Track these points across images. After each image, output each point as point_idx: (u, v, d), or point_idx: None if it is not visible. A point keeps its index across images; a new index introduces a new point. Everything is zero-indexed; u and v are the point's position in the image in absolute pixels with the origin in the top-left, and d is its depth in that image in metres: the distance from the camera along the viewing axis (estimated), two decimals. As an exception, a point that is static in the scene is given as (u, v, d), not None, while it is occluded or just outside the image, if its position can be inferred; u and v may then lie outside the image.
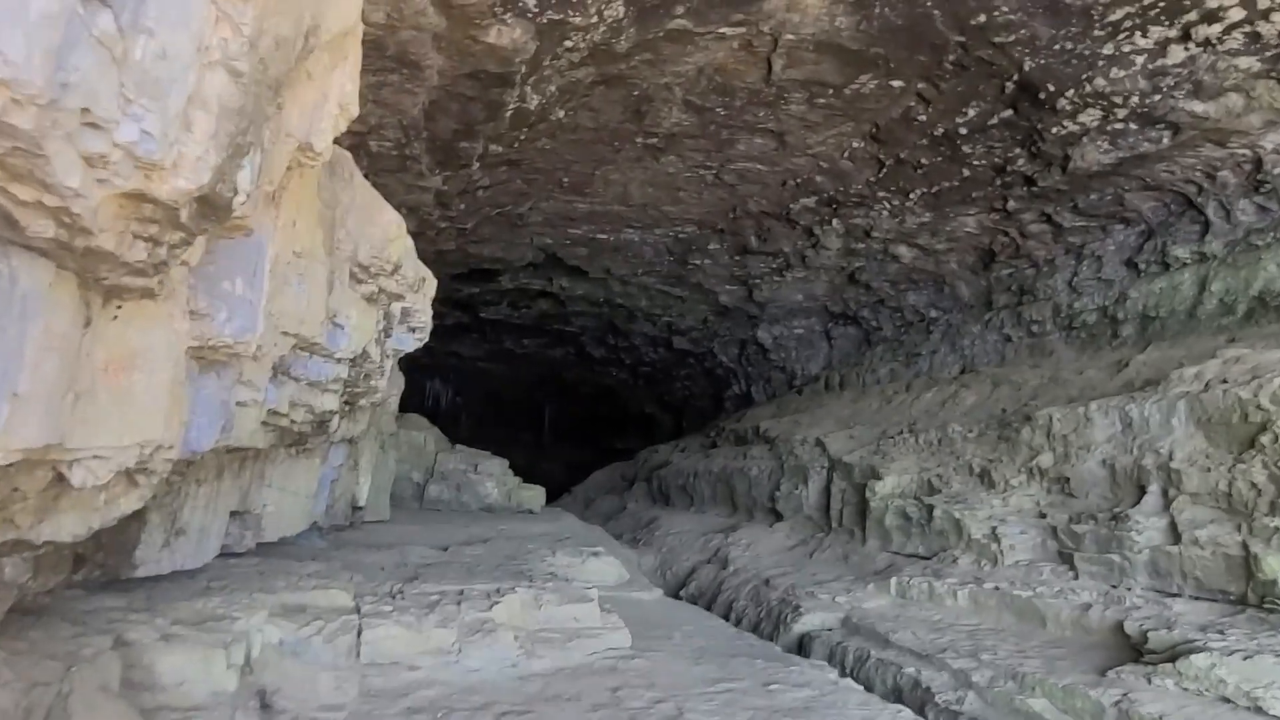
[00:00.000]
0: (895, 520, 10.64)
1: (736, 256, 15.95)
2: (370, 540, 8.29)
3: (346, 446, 7.39)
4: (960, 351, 14.02)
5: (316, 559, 6.64)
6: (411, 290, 6.13)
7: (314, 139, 2.87)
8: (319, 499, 6.98)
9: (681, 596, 11.92)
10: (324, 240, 4.69)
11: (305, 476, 6.53)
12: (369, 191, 5.32)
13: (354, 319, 5.45)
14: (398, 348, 6.49)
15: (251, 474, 5.78)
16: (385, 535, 8.72)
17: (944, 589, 9.01)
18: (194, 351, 3.34)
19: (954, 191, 12.09)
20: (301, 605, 5.28)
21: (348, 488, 7.83)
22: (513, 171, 13.27)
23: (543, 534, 10.48)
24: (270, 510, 6.09)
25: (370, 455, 8.31)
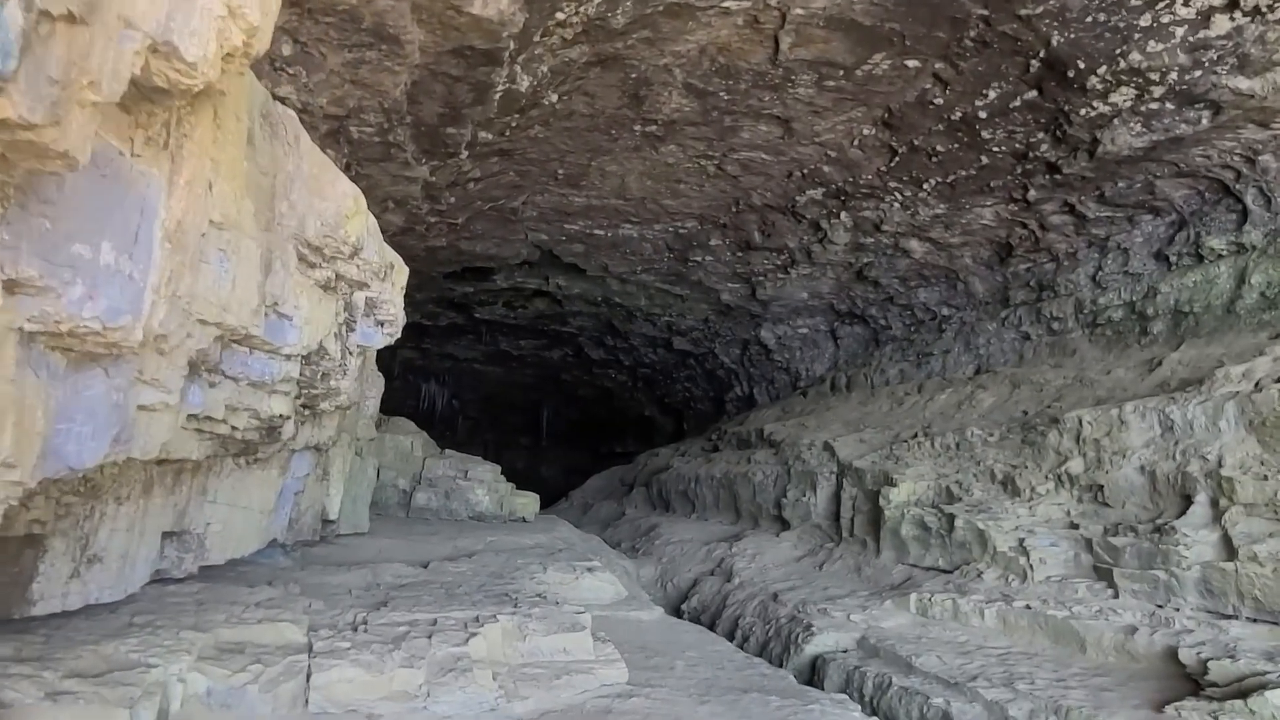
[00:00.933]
0: (912, 530, 9.80)
1: (739, 253, 15.13)
2: (342, 557, 7.46)
3: (312, 455, 6.57)
4: (975, 351, 13.19)
5: (274, 582, 5.81)
6: (377, 278, 5.29)
7: (179, 40, 2.05)
8: (279, 513, 6.15)
9: (683, 611, 11.07)
10: (257, 212, 3.85)
11: (260, 489, 5.70)
12: (319, 158, 4.48)
13: (304, 309, 4.61)
14: (364, 344, 5.65)
15: (190, 488, 4.94)
16: (360, 551, 7.89)
17: (969, 607, 8.16)
18: (45, 340, 2.51)
19: (970, 181, 11.25)
20: (240, 644, 4.44)
21: (315, 500, 7.00)
22: (505, 162, 12.45)
23: (535, 546, 9.65)
24: (216, 529, 5.25)
25: (342, 463, 7.49)
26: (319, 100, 9.38)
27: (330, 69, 8.79)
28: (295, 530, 6.65)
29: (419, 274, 17.96)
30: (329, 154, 10.94)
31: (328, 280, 4.85)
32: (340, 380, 5.35)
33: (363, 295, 5.32)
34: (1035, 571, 8.26)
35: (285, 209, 4.17)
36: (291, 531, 6.61)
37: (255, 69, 8.04)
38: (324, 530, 7.65)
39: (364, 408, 8.36)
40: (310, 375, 5.05)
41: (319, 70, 8.81)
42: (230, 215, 3.53)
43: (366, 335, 5.59)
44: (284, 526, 6.38)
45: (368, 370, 8.34)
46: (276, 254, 4.10)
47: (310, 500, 6.84)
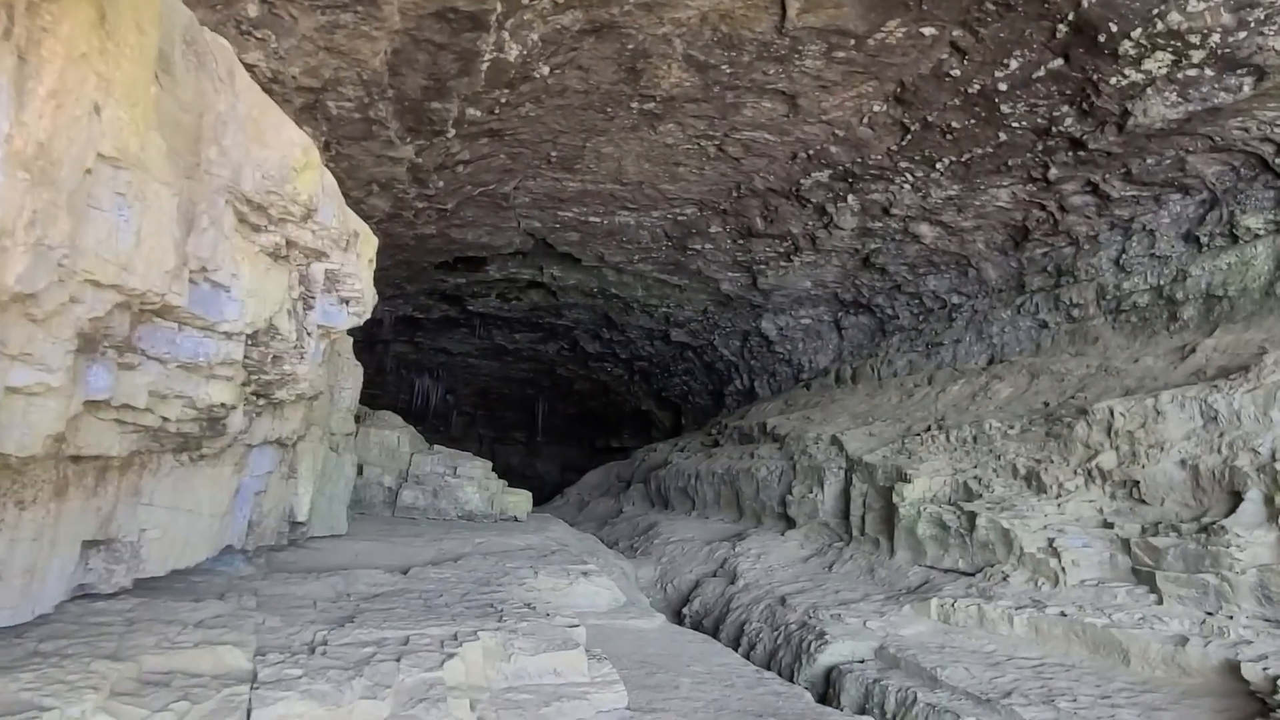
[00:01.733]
0: (929, 529, 9.07)
1: (740, 240, 14.38)
2: (312, 563, 6.72)
3: (275, 450, 5.83)
4: (988, 340, 12.46)
5: (226, 595, 5.07)
6: (338, 247, 4.54)
7: None
8: (235, 516, 5.41)
9: (685, 615, 10.34)
10: (174, 153, 3.10)
11: (210, 490, 4.96)
12: (259, 100, 3.73)
13: (246, 279, 3.87)
14: (326, 324, 4.90)
15: (118, 490, 4.19)
16: (334, 555, 7.15)
17: (997, 613, 7.43)
18: None
19: (987, 159, 10.52)
20: (168, 674, 3.69)
21: (281, 500, 6.25)
22: (495, 143, 11.68)
23: (526, 548, 8.92)
24: (153, 536, 4.50)
25: (313, 460, 6.74)
26: (291, 70, 8.61)
27: (302, 33, 8.02)
28: (257, 534, 5.91)
29: (409, 265, 17.20)
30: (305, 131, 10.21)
31: (276, 247, 4.10)
32: (297, 365, 4.60)
33: (321, 267, 4.57)
34: (1068, 575, 7.54)
35: (215, 155, 3.42)
36: (252, 536, 5.87)
37: (220, 31, 7.27)
38: (293, 533, 6.91)
39: (338, 399, 7.62)
40: (259, 358, 4.30)
41: (289, 35, 8.04)
42: (130, 151, 2.78)
43: (329, 314, 4.84)
44: (242, 531, 5.63)
45: (341, 358, 7.59)
46: (203, 208, 3.35)
47: (274, 501, 6.10)
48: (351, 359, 7.80)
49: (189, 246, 3.26)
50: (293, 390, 4.93)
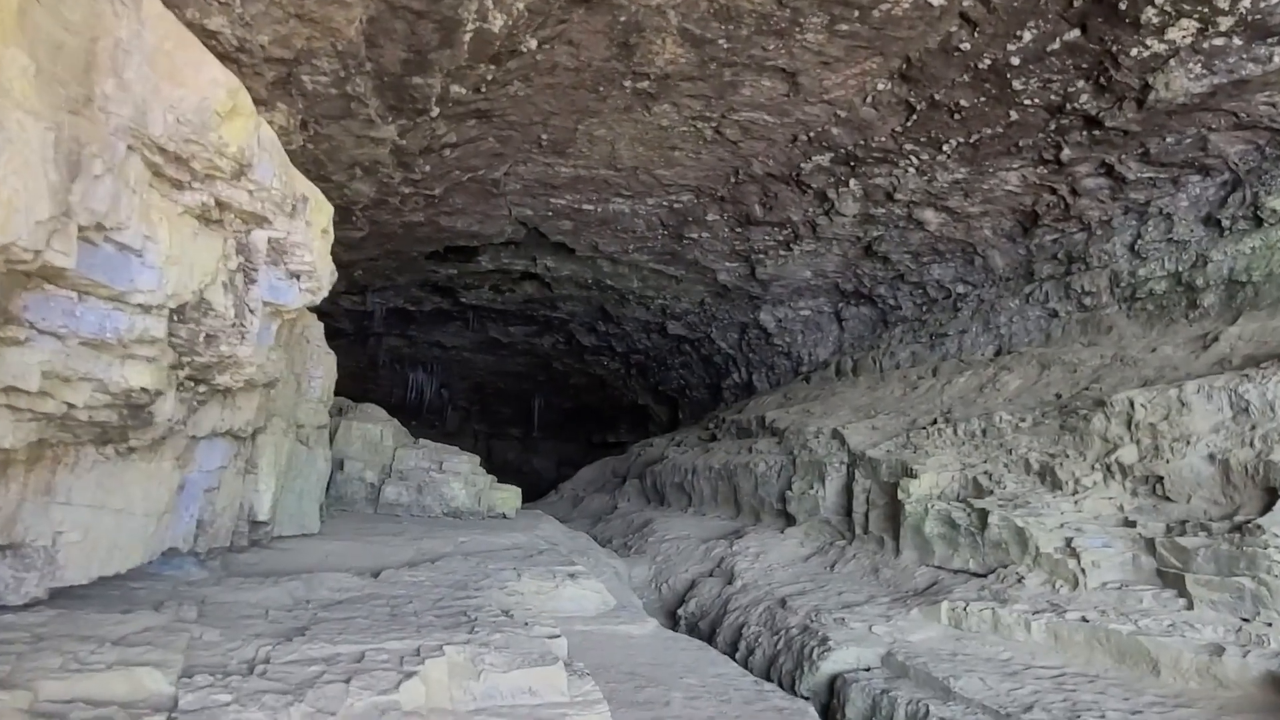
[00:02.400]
0: (937, 527, 8.50)
1: (738, 229, 13.79)
2: (274, 566, 6.14)
3: (227, 443, 5.25)
4: (994, 330, 11.88)
5: (165, 604, 4.49)
6: (281, 212, 3.95)
7: None
8: (179, 516, 4.84)
9: (680, 617, 9.77)
10: (48, 79, 2.52)
11: (145, 487, 4.37)
12: (174, 30, 3.14)
13: (165, 243, 3.28)
14: (274, 301, 4.31)
15: (24, 488, 3.61)
16: (300, 557, 6.57)
17: (1012, 618, 6.86)
18: None
19: (996, 140, 9.93)
20: (68, 704, 3.11)
21: (236, 497, 5.67)
22: (483, 125, 11.09)
23: (512, 547, 8.34)
24: (73, 539, 3.92)
25: (275, 453, 6.16)
26: (260, 38, 8.00)
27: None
28: (209, 535, 5.33)
29: (398, 255, 16.60)
30: (280, 108, 9.63)
31: (205, 208, 3.51)
32: (238, 346, 4.01)
33: (263, 235, 3.98)
34: (1088, 577, 6.96)
35: (112, 89, 2.83)
36: (204, 537, 5.29)
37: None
38: (255, 533, 6.32)
39: (306, 389, 7.03)
40: (190, 337, 3.72)
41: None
42: (-24, 65, 2.19)
43: (276, 290, 4.26)
44: (189, 531, 5.05)
45: (309, 344, 7.00)
46: (95, 150, 2.76)
47: (230, 498, 5.52)
48: (322, 346, 7.21)
49: (75, 196, 2.67)
50: (238, 376, 4.34)
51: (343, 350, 23.15)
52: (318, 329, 7.06)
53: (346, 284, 17.82)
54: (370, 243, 14.67)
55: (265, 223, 3.90)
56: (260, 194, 3.71)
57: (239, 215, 3.74)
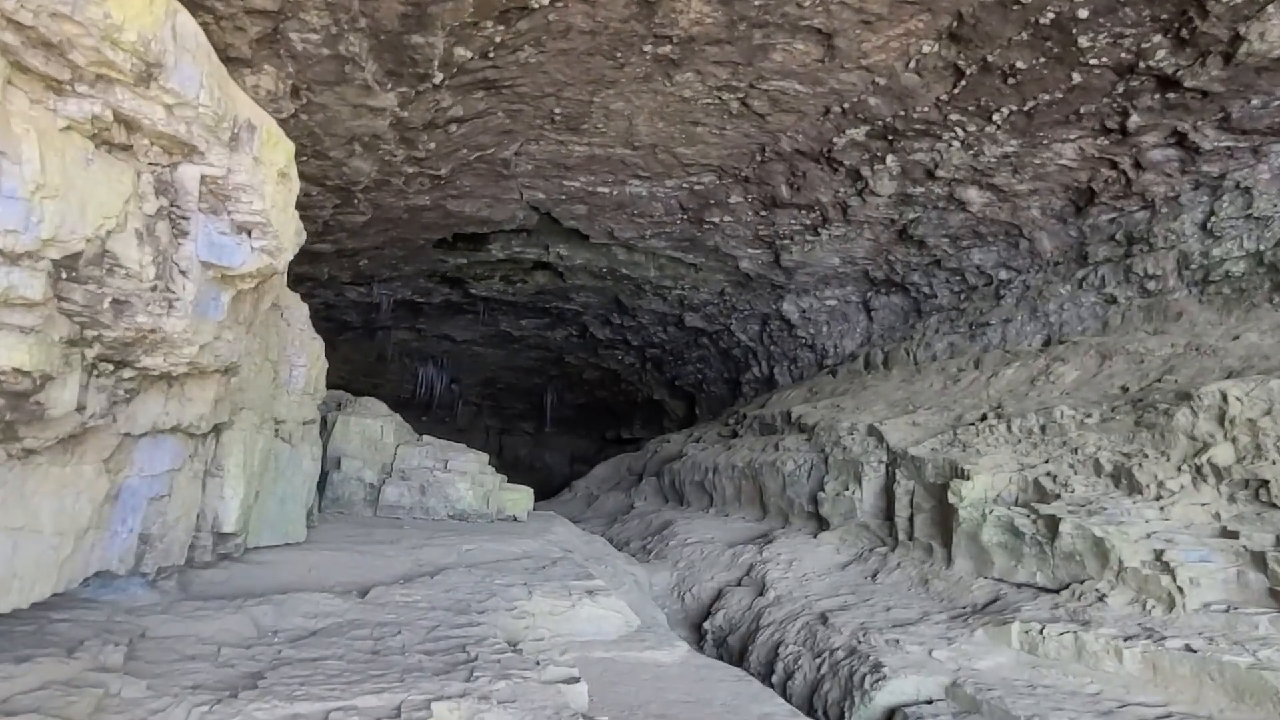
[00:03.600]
0: (997, 535, 7.45)
1: (762, 212, 12.75)
2: (244, 584, 5.16)
3: (178, 442, 4.28)
4: (1043, 319, 10.80)
5: (85, 644, 3.50)
6: (217, 139, 2.96)
7: None
8: (111, 532, 3.87)
9: (706, 631, 8.75)
10: None
11: (57, 498, 3.39)
12: None
13: (33, 165, 2.29)
14: (215, 261, 3.33)
15: None
16: (277, 573, 5.58)
17: (1099, 644, 5.81)
18: None
19: (1054, 107, 8.86)
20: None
21: (193, 506, 4.68)
22: (491, 98, 10.09)
23: (522, 556, 7.36)
24: (-50, 568, 2.96)
25: (246, 453, 5.18)
26: (239, -14, 7.05)
27: (247, -64, 6.49)
28: (158, 552, 4.36)
29: (404, 242, 15.60)
30: (267, 70, 8.63)
31: (100, 125, 2.52)
32: (162, 318, 3.03)
33: (195, 171, 2.99)
34: (1186, 596, 5.91)
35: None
36: (152, 554, 4.31)
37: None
38: (222, 546, 5.35)
39: (287, 378, 6.04)
40: (89, 301, 2.73)
41: (232, -63, 6.51)
42: None
43: (218, 248, 3.26)
44: (129, 549, 4.08)
45: (290, 327, 6.01)
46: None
47: (184, 507, 4.54)
48: (307, 330, 6.22)
49: None
50: (175, 358, 3.36)
51: (350, 344, 22.33)
52: (300, 310, 6.08)
53: (352, 274, 16.88)
54: (374, 228, 13.69)
55: (195, 154, 2.92)
56: (183, 111, 2.73)
57: (155, 141, 2.76)
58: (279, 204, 3.58)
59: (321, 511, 9.16)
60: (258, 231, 3.49)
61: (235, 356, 4.10)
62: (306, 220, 12.80)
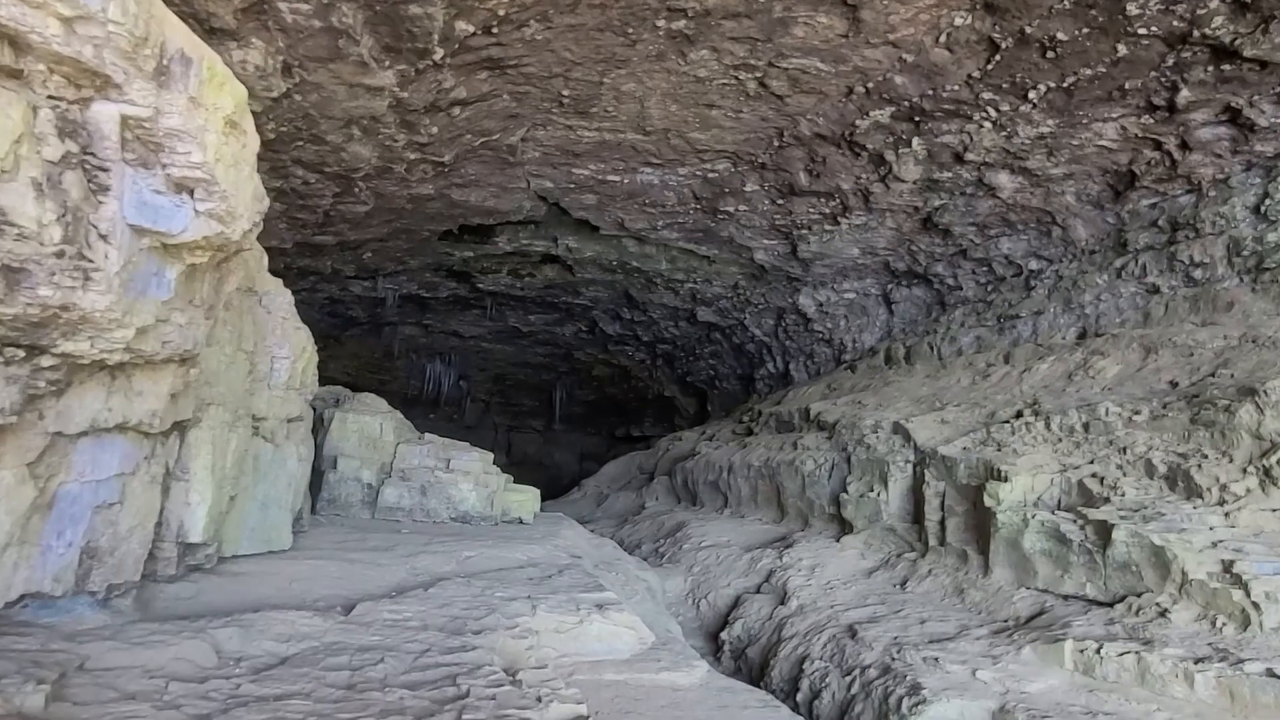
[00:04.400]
0: (1040, 542, 6.81)
1: (779, 200, 12.11)
2: (212, 601, 4.56)
3: (130, 442, 3.70)
4: (1077, 310, 10.14)
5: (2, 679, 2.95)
6: (138, 70, 2.37)
7: None
8: (44, 547, 3.29)
9: (723, 642, 8.13)
10: None
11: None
12: None
13: None
14: (147, 225, 2.74)
15: None
16: (254, 586, 4.98)
17: (1166, 667, 5.17)
18: None
19: (1097, 83, 8.19)
20: None
21: (150, 514, 4.08)
22: (496, 79, 9.49)
23: (527, 564, 6.76)
24: None
25: (214, 454, 4.58)
26: (219, -54, 6.47)
27: (226, -111, 5.90)
28: (107, 567, 3.79)
29: (408, 234, 15.00)
30: (255, 44, 8.02)
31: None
32: (77, 292, 2.45)
33: (113, 111, 2.40)
34: (1263, 613, 5.27)
35: None
36: (99, 570, 3.73)
37: None
38: (190, 557, 4.76)
39: (267, 370, 5.45)
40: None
41: (210, -109, 5.92)
42: None
43: (149, 209, 2.68)
44: (66, 566, 3.49)
45: (270, 315, 5.42)
46: None
47: (139, 516, 3.96)
48: (290, 318, 5.62)
49: None
50: (102, 342, 2.77)
51: (357, 340, 21.77)
52: (283, 297, 5.47)
53: (357, 268, 16.32)
54: (377, 219, 13.12)
55: (111, 88, 2.34)
56: (86, 28, 2.14)
57: (55, 67, 2.18)
58: (228, 159, 2.98)
59: (316, 514, 8.60)
60: (201, 191, 2.90)
61: (192, 344, 3.51)
62: (306, 210, 12.28)
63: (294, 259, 14.33)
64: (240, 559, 5.48)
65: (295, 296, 18.14)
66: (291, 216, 12.08)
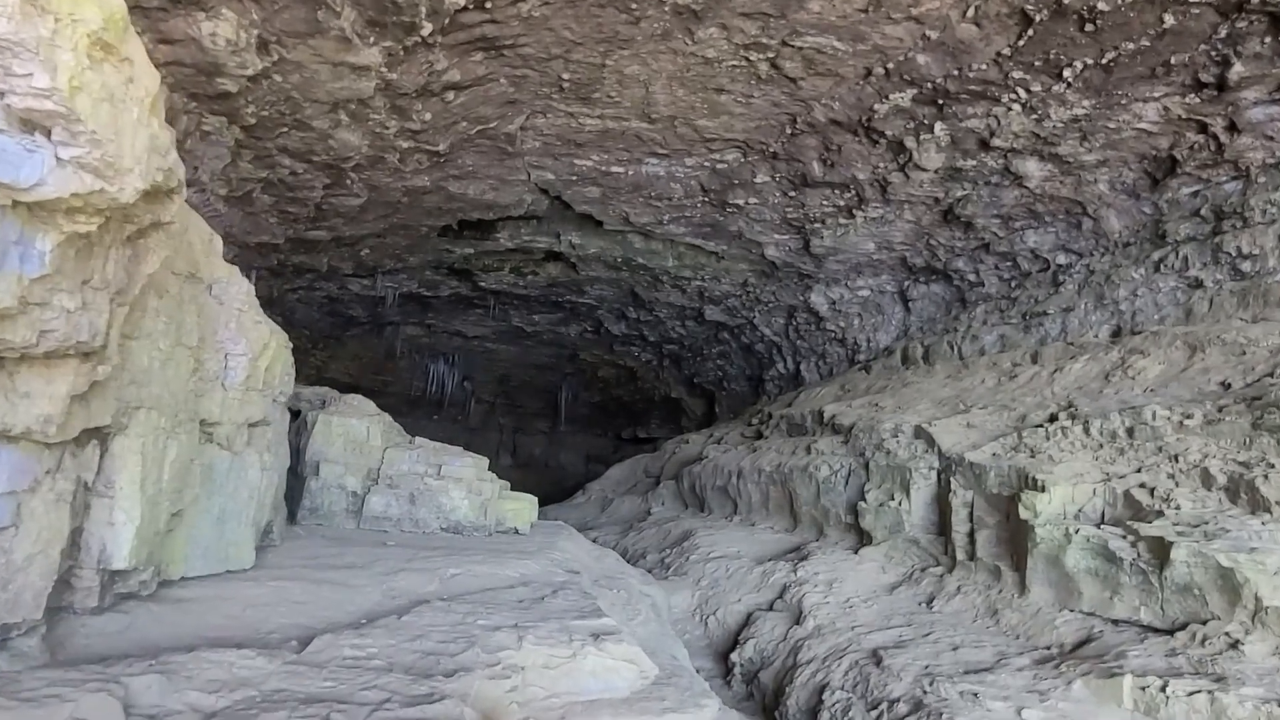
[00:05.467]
0: (1086, 560, 6.07)
1: (791, 193, 11.39)
2: (143, 636, 3.85)
3: (24, 454, 3.01)
4: (1111, 307, 9.38)
5: None
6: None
7: None
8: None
9: (734, 664, 7.41)
10: None
11: None
12: None
13: None
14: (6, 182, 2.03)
15: None
16: (197, 616, 4.28)
17: (1246, 710, 4.43)
18: None
19: (1139, 59, 7.45)
20: None
21: (56, 538, 3.36)
22: (492, 60, 8.80)
23: (518, 583, 6.05)
24: None
25: (145, 465, 3.88)
26: (177, -101, 5.79)
27: None
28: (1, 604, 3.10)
29: (406, 230, 14.28)
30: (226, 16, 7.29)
31: None
32: None
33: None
34: (1357, 649, 4.53)
35: None
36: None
37: None
38: (119, 585, 4.06)
39: (219, 369, 4.74)
40: None
41: None
42: None
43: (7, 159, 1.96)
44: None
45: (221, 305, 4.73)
46: None
47: (42, 540, 3.26)
48: (249, 310, 4.90)
49: None
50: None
51: (358, 340, 21.08)
52: (238, 286, 4.75)
53: (354, 265, 15.63)
54: (372, 213, 12.43)
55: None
56: None
57: None
58: (98, 91, 2.29)
59: (297, 524, 7.91)
60: (61, 132, 2.21)
61: (90, 335, 2.83)
62: (296, 203, 11.58)
63: (288, 255, 13.66)
64: (190, 582, 4.79)
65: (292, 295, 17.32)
66: (282, 210, 11.40)
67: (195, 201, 10.65)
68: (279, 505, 6.52)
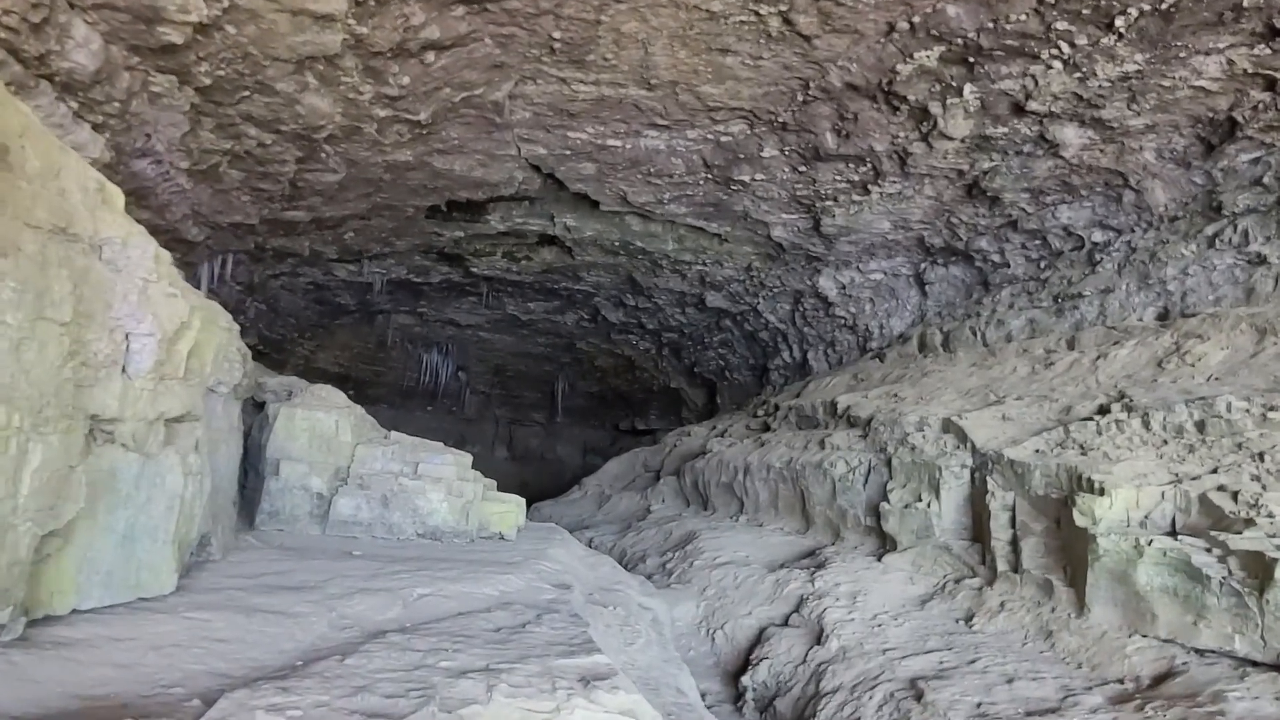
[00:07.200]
0: (1163, 576, 5.08)
1: (801, 168, 10.36)
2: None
3: None
4: (1157, 287, 8.39)
5: None
6: None
7: None
8: None
9: (745, 688, 6.41)
10: None
11: None
12: None
13: None
14: None
15: None
16: (73, 667, 3.24)
17: (1402, 780, 3.46)
18: None
19: (1203, 4, 6.45)
20: None
21: None
22: (475, 17, 7.76)
23: (497, 604, 5.06)
24: None
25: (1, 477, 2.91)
26: None
27: None
28: None
29: (391, 210, 13.19)
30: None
31: None
32: None
33: None
34: None
35: None
36: None
37: None
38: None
39: (120, 355, 3.71)
40: None
41: None
42: None
43: None
44: None
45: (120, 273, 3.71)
46: None
47: None
48: (159, 280, 3.85)
49: None
50: None
51: (348, 329, 19.97)
52: (141, 249, 3.70)
53: (339, 249, 14.56)
54: (352, 192, 11.39)
55: None
56: None
57: None
58: None
59: (256, 529, 6.92)
60: None
61: None
62: (267, 179, 10.45)
63: (266, 238, 12.61)
64: (81, 618, 3.81)
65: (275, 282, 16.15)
66: (254, 187, 10.34)
67: (154, 174, 9.61)
68: (221, 514, 5.53)
